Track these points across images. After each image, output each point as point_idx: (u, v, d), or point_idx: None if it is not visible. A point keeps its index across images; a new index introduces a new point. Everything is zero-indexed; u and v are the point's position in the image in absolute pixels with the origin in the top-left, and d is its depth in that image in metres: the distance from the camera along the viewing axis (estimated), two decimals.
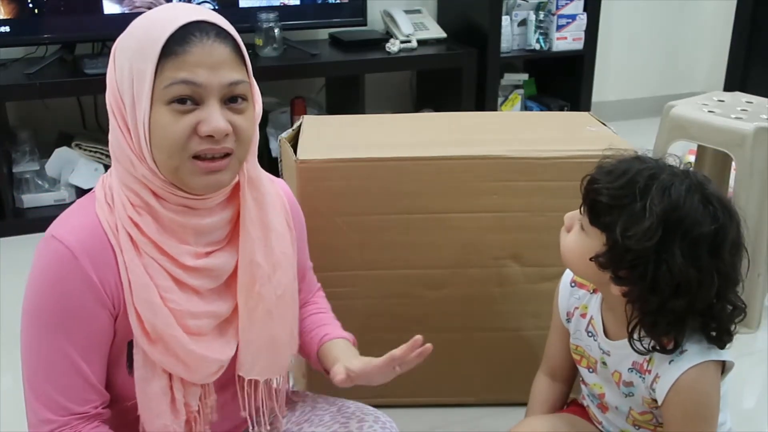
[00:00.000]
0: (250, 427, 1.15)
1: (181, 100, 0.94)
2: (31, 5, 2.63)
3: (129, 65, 0.96)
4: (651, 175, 1.07)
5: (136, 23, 0.99)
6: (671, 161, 1.12)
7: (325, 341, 1.19)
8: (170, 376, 1.03)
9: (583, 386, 1.34)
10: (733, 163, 2.06)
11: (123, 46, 0.98)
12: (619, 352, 1.19)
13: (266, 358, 1.12)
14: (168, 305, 1.00)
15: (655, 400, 1.16)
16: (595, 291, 1.26)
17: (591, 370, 1.26)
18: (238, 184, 1.06)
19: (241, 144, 1.00)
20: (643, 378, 1.16)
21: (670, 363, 1.12)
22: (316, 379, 1.66)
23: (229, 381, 1.11)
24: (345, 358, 1.12)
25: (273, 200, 1.11)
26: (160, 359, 1.01)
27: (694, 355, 1.11)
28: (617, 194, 1.07)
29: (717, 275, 1.06)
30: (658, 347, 1.11)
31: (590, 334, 1.25)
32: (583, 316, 1.27)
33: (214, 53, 0.95)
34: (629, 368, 1.18)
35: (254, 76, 1.04)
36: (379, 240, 1.57)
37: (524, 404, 1.41)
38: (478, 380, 1.71)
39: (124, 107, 0.97)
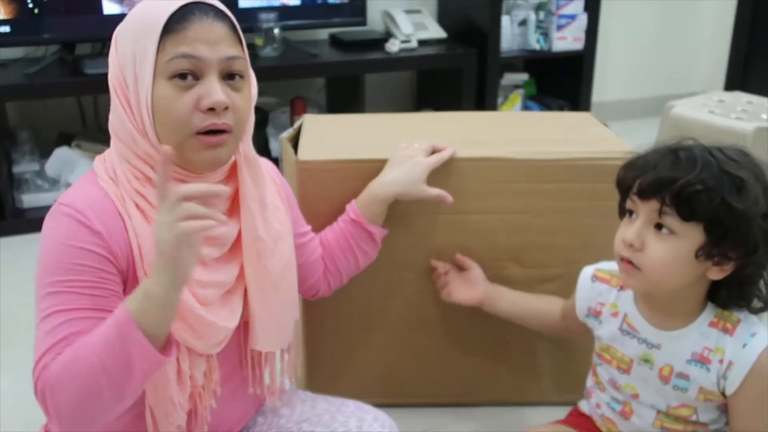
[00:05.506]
0: (250, 385, 1.18)
1: (182, 75, 0.98)
2: (31, 5, 2.63)
3: (132, 45, 0.99)
4: (704, 149, 1.11)
5: (137, 8, 1.03)
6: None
7: (355, 205, 1.39)
8: (177, 346, 1.03)
9: (601, 393, 1.30)
10: None
11: (125, 29, 1.02)
12: (675, 344, 1.17)
13: (275, 330, 1.16)
14: None
15: (720, 391, 1.15)
16: (622, 287, 1.24)
17: (622, 371, 1.23)
18: (234, 164, 1.09)
19: (238, 122, 1.03)
20: (707, 368, 1.15)
21: (744, 347, 1.12)
22: (316, 379, 1.66)
23: (228, 359, 1.12)
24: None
25: (266, 178, 1.15)
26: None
27: (764, 335, 1.12)
28: (704, 178, 1.06)
29: None
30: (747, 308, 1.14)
31: (626, 333, 1.22)
32: (615, 315, 1.24)
33: (213, 30, 0.99)
34: (688, 360, 1.16)
35: (254, 76, 1.07)
36: None
37: (524, 404, 1.41)
38: (478, 380, 1.71)
39: (127, 86, 1.00)
